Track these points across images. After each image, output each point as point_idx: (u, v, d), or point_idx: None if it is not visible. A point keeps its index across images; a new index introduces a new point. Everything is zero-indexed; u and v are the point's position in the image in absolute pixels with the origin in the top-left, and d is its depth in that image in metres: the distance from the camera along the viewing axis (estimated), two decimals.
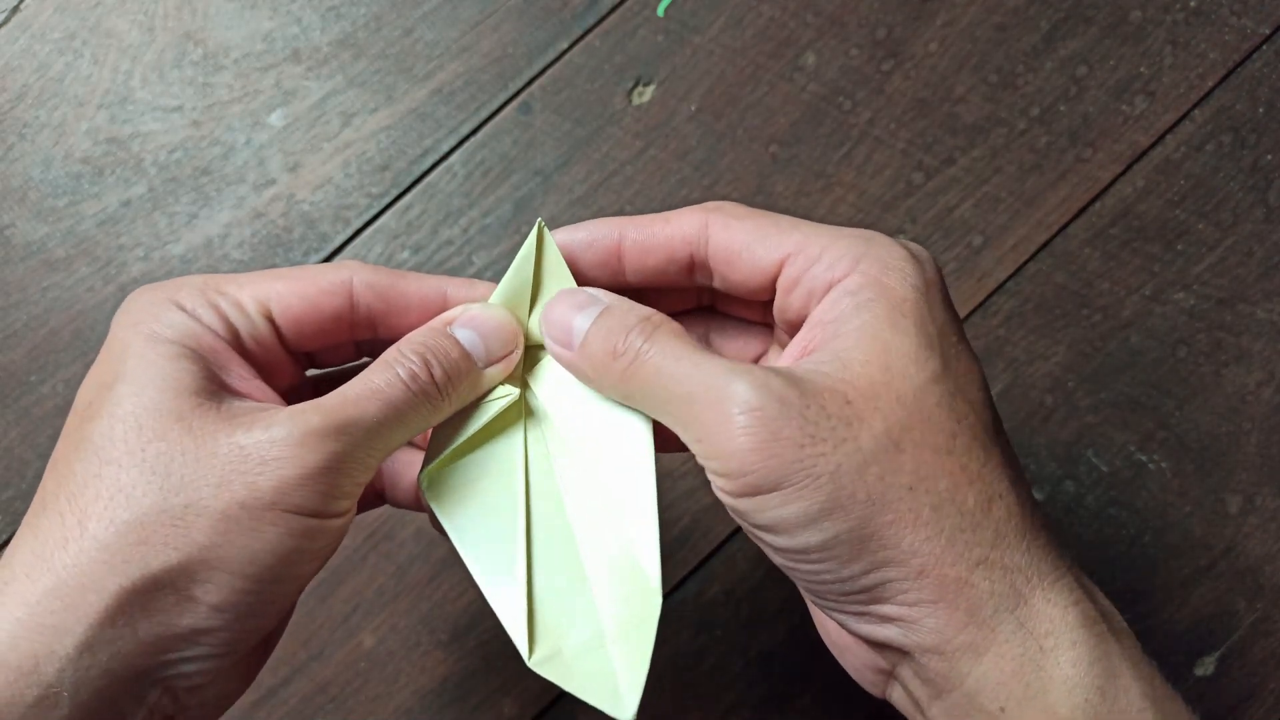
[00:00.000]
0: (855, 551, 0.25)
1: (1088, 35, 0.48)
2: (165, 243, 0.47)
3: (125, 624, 0.25)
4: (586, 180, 0.47)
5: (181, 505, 0.25)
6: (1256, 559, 0.45)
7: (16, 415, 0.45)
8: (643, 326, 0.28)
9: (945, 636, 0.25)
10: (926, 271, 0.27)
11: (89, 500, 0.25)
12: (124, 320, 0.28)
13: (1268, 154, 0.47)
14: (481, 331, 0.29)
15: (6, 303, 0.46)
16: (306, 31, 0.48)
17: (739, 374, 0.25)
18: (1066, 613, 0.25)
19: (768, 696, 0.44)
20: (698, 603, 0.45)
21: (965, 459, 0.25)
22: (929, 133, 0.47)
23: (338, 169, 0.47)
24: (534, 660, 0.28)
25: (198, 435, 0.26)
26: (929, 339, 0.26)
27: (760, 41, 0.48)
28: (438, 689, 0.44)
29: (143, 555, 0.25)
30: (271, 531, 0.25)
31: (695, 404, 0.26)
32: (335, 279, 0.29)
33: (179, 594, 0.25)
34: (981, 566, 0.25)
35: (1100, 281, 0.47)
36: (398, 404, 0.27)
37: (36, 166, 0.47)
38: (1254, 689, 0.44)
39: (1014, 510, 0.25)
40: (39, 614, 0.24)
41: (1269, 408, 0.46)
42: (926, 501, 0.25)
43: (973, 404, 0.26)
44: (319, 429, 0.26)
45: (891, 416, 0.25)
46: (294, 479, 0.25)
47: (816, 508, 0.25)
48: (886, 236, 0.28)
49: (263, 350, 0.29)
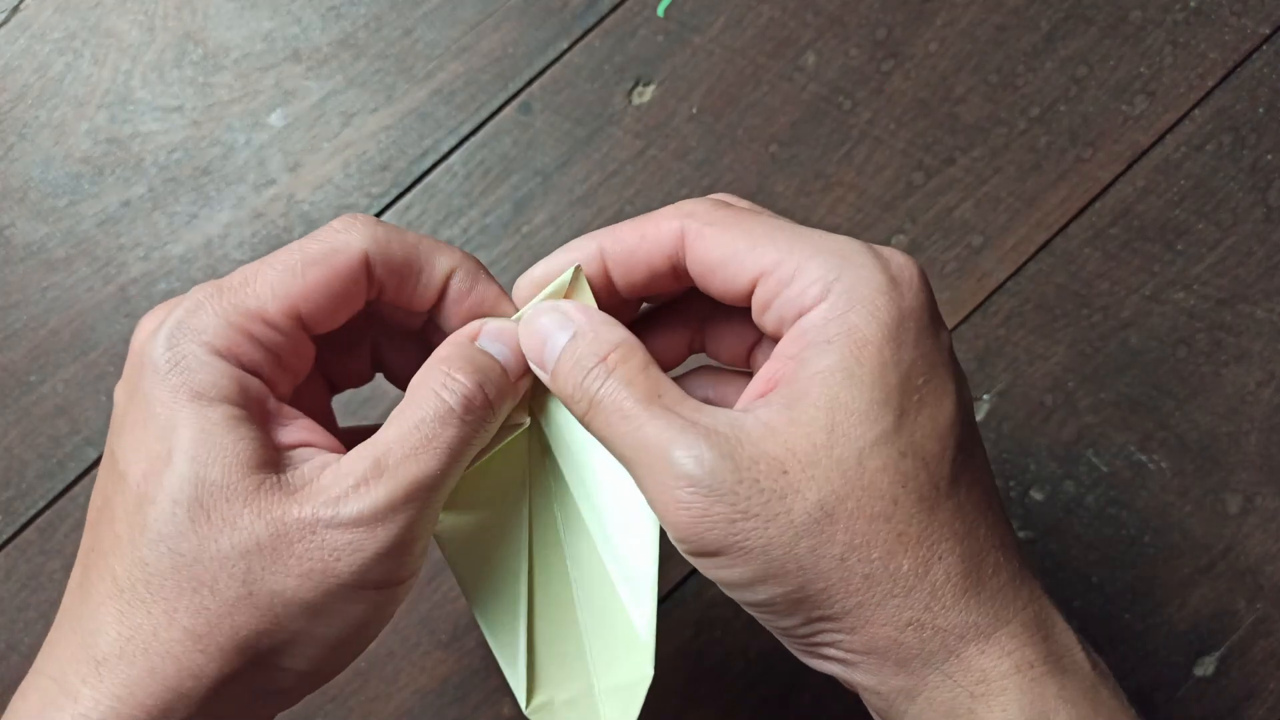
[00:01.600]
0: (792, 609, 0.26)
1: (1088, 35, 0.48)
2: (165, 243, 0.47)
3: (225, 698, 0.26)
4: (586, 180, 0.47)
5: (267, 596, 0.25)
6: (1256, 559, 0.45)
7: (16, 415, 0.45)
8: (599, 371, 0.27)
9: (880, 680, 0.26)
10: (904, 300, 0.26)
11: (172, 591, 0.25)
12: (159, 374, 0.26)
13: (1268, 154, 0.47)
14: (509, 344, 0.29)
15: (6, 303, 0.46)
16: (306, 31, 0.48)
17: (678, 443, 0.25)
18: (1000, 662, 0.25)
19: (768, 696, 0.44)
20: (698, 603, 0.45)
21: (904, 525, 0.25)
22: (929, 133, 0.47)
23: (338, 169, 0.47)
24: (529, 709, 0.30)
25: (269, 520, 0.25)
26: (886, 390, 0.25)
27: (760, 41, 0.48)
28: (438, 689, 0.44)
29: (236, 645, 0.25)
30: (355, 609, 0.26)
31: (640, 468, 0.26)
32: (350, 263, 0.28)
33: (271, 667, 0.26)
34: (911, 627, 0.25)
35: (1100, 281, 0.47)
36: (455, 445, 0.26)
37: (36, 166, 0.47)
38: (1254, 689, 0.44)
39: (955, 570, 0.25)
40: (139, 694, 0.25)
41: (1269, 408, 0.46)
42: (858, 570, 0.25)
43: (926, 460, 0.26)
44: (387, 504, 0.25)
45: (827, 486, 0.25)
46: (371, 559, 0.25)
47: (750, 575, 0.26)
48: (868, 254, 0.27)
49: (298, 359, 0.29)
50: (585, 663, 0.30)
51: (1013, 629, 0.26)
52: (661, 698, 0.44)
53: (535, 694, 0.30)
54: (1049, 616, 0.27)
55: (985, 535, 0.26)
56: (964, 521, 0.26)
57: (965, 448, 0.27)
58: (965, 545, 0.26)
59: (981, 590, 0.26)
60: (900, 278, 0.26)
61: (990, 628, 0.26)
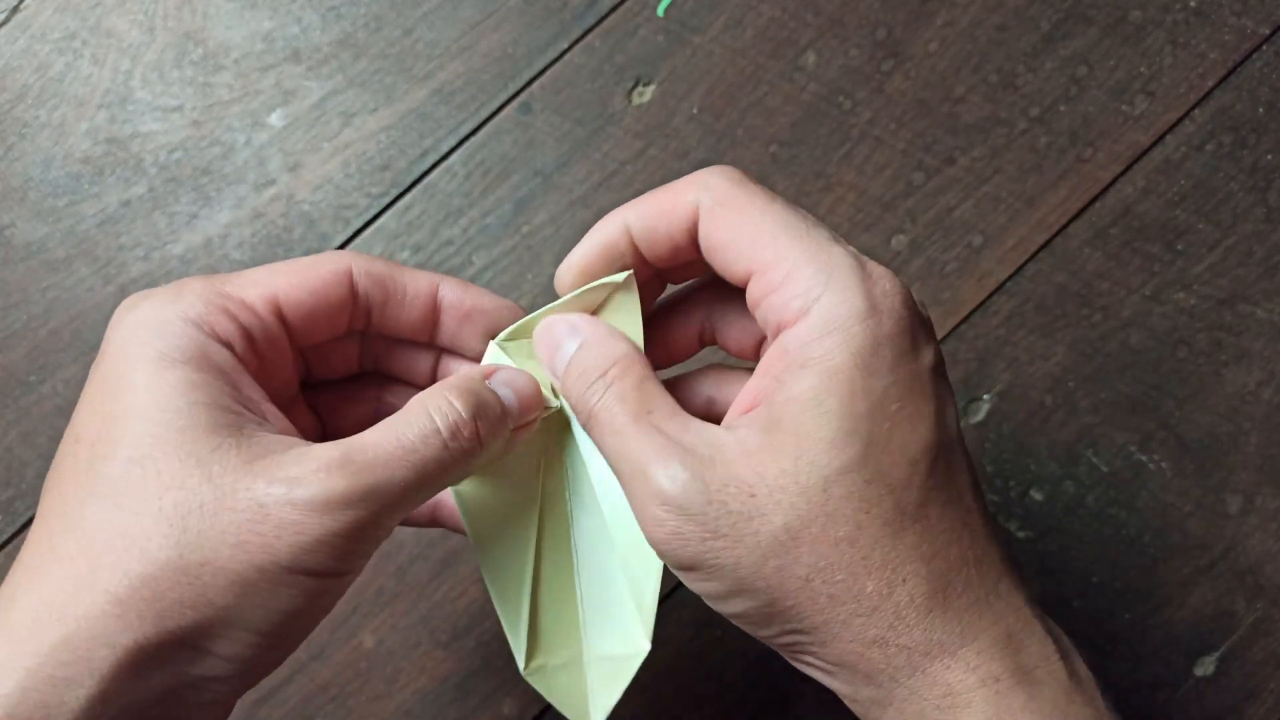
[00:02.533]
0: (767, 621, 0.27)
1: (1088, 35, 0.48)
2: (165, 243, 0.47)
3: (138, 677, 0.25)
4: (586, 180, 0.47)
5: (198, 563, 0.24)
6: (1256, 559, 0.45)
7: (16, 415, 0.45)
8: (597, 385, 0.28)
9: (854, 689, 0.28)
10: (881, 327, 0.26)
11: (101, 549, 0.24)
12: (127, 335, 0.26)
13: (1268, 154, 0.47)
14: (517, 391, 0.29)
15: (6, 303, 0.46)
16: (306, 31, 0.48)
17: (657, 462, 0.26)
18: (966, 677, 0.26)
19: (768, 697, 0.44)
20: (698, 603, 0.45)
21: (869, 549, 0.26)
22: (929, 133, 0.47)
23: (338, 169, 0.47)
24: (527, 670, 0.31)
25: (217, 485, 0.25)
26: (855, 419, 0.26)
27: (760, 41, 0.48)
28: (438, 689, 0.44)
29: (157, 612, 0.24)
30: (286, 593, 0.25)
31: (624, 479, 0.27)
32: (336, 268, 0.29)
33: (192, 648, 0.25)
34: (876, 645, 0.26)
35: (1100, 281, 0.47)
36: (428, 466, 0.26)
37: (36, 166, 0.47)
38: (1254, 689, 0.44)
39: (919, 591, 0.26)
40: (49, 665, 0.24)
41: (1269, 408, 0.46)
42: (823, 591, 0.26)
43: (891, 486, 0.26)
44: (343, 495, 0.25)
45: (792, 511, 0.26)
46: (311, 544, 0.25)
47: (723, 589, 0.27)
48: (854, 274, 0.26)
49: (274, 351, 0.29)
50: (579, 630, 0.32)
51: (980, 644, 0.26)
52: (661, 698, 0.44)
53: (533, 657, 0.31)
54: (1022, 629, 0.27)
55: (957, 555, 0.27)
56: (932, 544, 0.26)
57: (939, 470, 0.27)
58: (931, 566, 0.26)
59: (947, 609, 0.26)
60: (881, 304, 0.26)
61: (956, 644, 0.26)
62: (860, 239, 0.47)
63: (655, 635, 0.44)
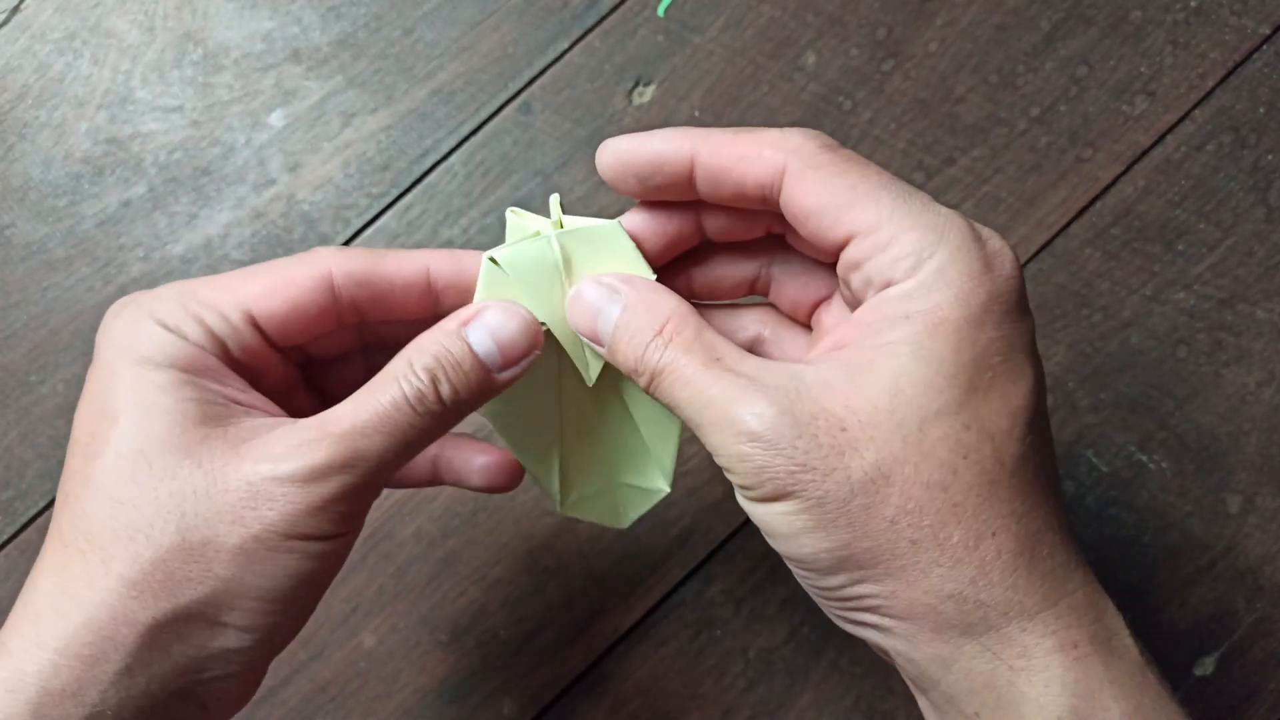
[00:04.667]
0: (835, 567, 0.26)
1: (1088, 35, 0.48)
2: (165, 243, 0.47)
3: (161, 650, 0.26)
4: (586, 180, 0.47)
5: (200, 542, 0.26)
6: (1256, 559, 0.45)
7: (16, 415, 0.45)
8: (656, 342, 0.28)
9: (914, 646, 0.26)
10: (995, 285, 0.26)
11: (108, 540, 0.26)
12: (109, 343, 0.28)
13: (1268, 154, 0.47)
14: (498, 337, 0.28)
15: (6, 303, 0.46)
16: (306, 31, 0.48)
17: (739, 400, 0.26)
18: (1044, 640, 0.26)
19: (768, 696, 0.44)
20: (698, 603, 0.45)
21: (961, 496, 0.25)
22: (929, 133, 0.47)
23: (338, 169, 0.47)
24: (564, 507, 0.34)
25: (208, 470, 0.26)
26: (957, 365, 0.25)
27: (760, 41, 0.48)
28: (438, 689, 0.44)
29: (169, 590, 0.26)
30: (287, 559, 0.26)
31: (704, 427, 0.27)
32: (312, 273, 0.29)
33: (208, 621, 0.26)
34: (953, 599, 0.25)
35: (1100, 281, 0.47)
36: (404, 429, 0.27)
37: (36, 166, 0.47)
38: (1254, 689, 0.44)
39: (1006, 548, 0.26)
40: (75, 646, 0.25)
41: (1269, 408, 0.46)
42: (906, 535, 0.25)
43: (991, 436, 0.26)
44: (325, 465, 0.26)
45: (885, 448, 0.25)
46: (304, 511, 0.26)
47: (803, 524, 0.26)
48: (967, 233, 0.26)
49: (250, 356, 0.29)
50: (609, 464, 0.34)
51: (1059, 610, 0.26)
52: (661, 698, 0.44)
53: (568, 495, 0.33)
54: (1100, 601, 0.27)
55: (1045, 517, 0.26)
56: (1024, 501, 0.26)
57: (1035, 430, 0.27)
58: (1022, 525, 0.26)
59: (1032, 570, 0.26)
60: (994, 261, 0.26)
61: (1036, 608, 0.26)
62: None
63: (654, 635, 0.44)
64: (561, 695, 0.44)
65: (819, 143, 0.28)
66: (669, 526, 0.45)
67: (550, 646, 0.45)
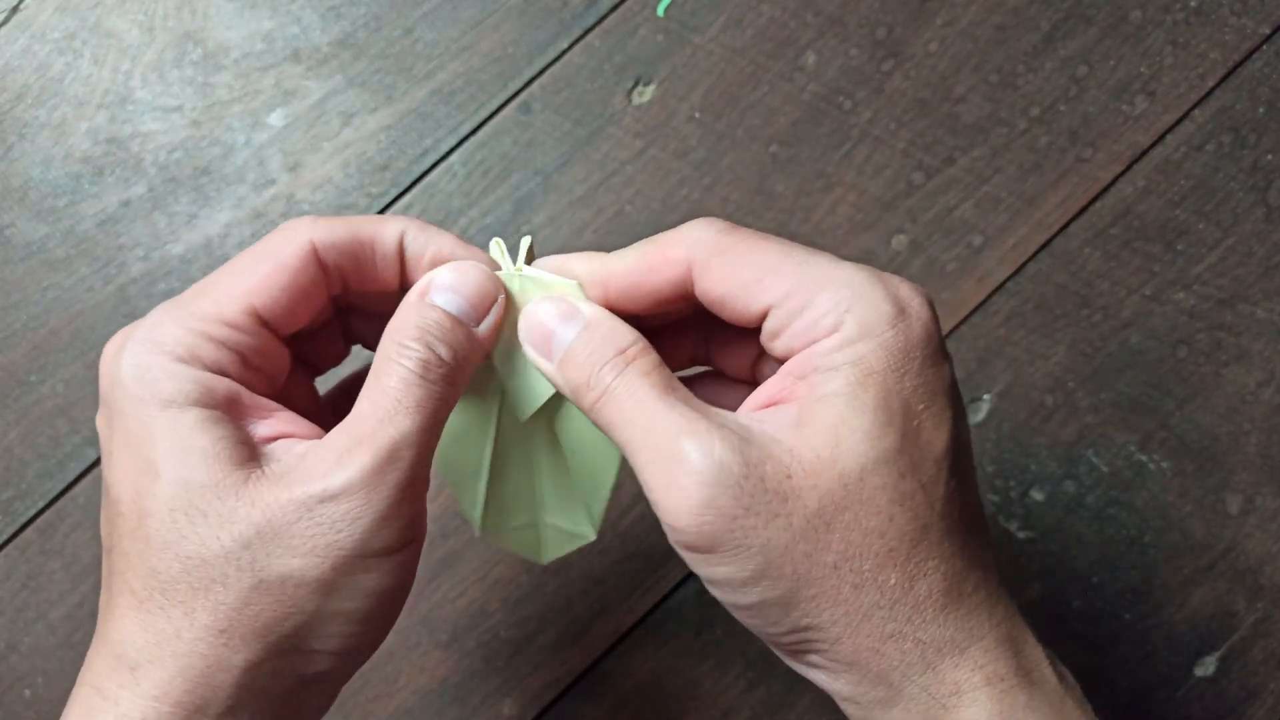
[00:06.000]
0: (780, 615, 0.27)
1: (1088, 35, 0.48)
2: (165, 243, 0.47)
3: (259, 688, 0.26)
4: (586, 180, 0.47)
5: (278, 580, 0.26)
6: (1256, 559, 0.45)
7: (16, 415, 0.45)
8: (615, 362, 0.28)
9: (859, 690, 0.27)
10: (911, 332, 0.27)
11: (185, 594, 0.26)
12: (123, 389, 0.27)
13: (1268, 154, 0.47)
14: (462, 292, 0.28)
15: (6, 303, 0.46)
16: (306, 31, 0.48)
17: (690, 434, 0.26)
18: (973, 675, 0.26)
19: (767, 697, 0.44)
20: (698, 603, 0.45)
21: (896, 541, 0.26)
22: (929, 133, 0.47)
23: (338, 169, 0.47)
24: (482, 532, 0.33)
25: (263, 508, 0.26)
26: (889, 414, 0.26)
27: (760, 41, 0.48)
28: (438, 689, 0.44)
29: (258, 631, 0.26)
30: (364, 578, 0.26)
31: (647, 455, 0.27)
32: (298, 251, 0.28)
33: (300, 652, 0.27)
34: (893, 639, 0.26)
35: (1100, 281, 0.46)
36: (426, 403, 0.27)
37: (36, 166, 0.47)
38: (1254, 689, 0.44)
39: (937, 586, 0.26)
40: (174, 693, 0.26)
41: (1269, 408, 0.46)
42: (849, 580, 0.26)
43: (923, 483, 0.26)
44: (373, 466, 0.26)
45: (828, 496, 0.26)
46: (372, 526, 0.26)
47: (745, 574, 0.26)
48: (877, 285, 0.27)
49: (263, 358, 0.29)
50: (536, 501, 0.33)
51: (986, 644, 0.27)
52: (661, 698, 0.44)
53: (489, 521, 0.33)
54: (1020, 633, 0.28)
55: (970, 555, 0.27)
56: (951, 542, 0.27)
57: (957, 472, 0.27)
58: (950, 564, 0.27)
59: (960, 606, 0.27)
60: (908, 309, 0.27)
61: (965, 642, 0.27)
62: (860, 239, 0.47)
63: (654, 635, 0.44)
64: (561, 695, 0.44)
65: (716, 229, 0.28)
66: None
67: (550, 646, 0.45)
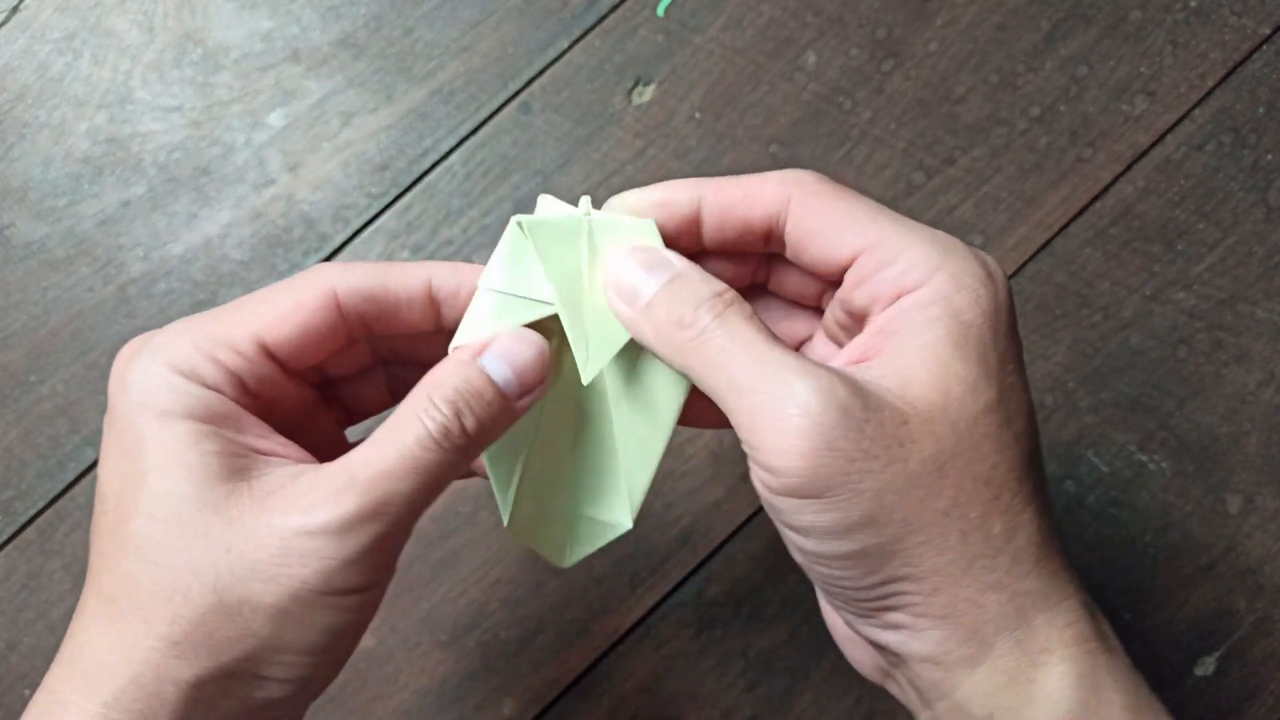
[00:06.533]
0: (878, 564, 0.26)
1: (1088, 35, 0.48)
2: (165, 243, 0.47)
3: (206, 705, 0.26)
4: (586, 180, 0.47)
5: (237, 602, 0.26)
6: (1256, 559, 0.45)
7: (16, 415, 0.45)
8: (714, 303, 0.27)
9: (945, 649, 0.26)
10: (999, 294, 0.27)
11: (148, 601, 0.26)
12: (126, 395, 0.27)
13: (1268, 154, 0.47)
14: (514, 365, 0.28)
15: (6, 303, 0.46)
16: (306, 31, 0.48)
17: (804, 374, 0.25)
18: (1063, 632, 0.26)
19: (768, 696, 0.44)
20: (698, 603, 0.45)
21: (1000, 489, 0.26)
22: (929, 133, 0.47)
23: (337, 169, 0.47)
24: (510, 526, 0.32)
25: (239, 527, 0.26)
26: (989, 367, 0.26)
27: (760, 41, 0.48)
28: (438, 689, 0.44)
29: (210, 650, 0.26)
30: (323, 614, 0.26)
31: (753, 396, 0.26)
32: (318, 294, 0.29)
33: (250, 676, 0.27)
34: (993, 590, 0.26)
35: (1100, 281, 0.46)
36: (431, 469, 0.27)
37: (36, 166, 0.47)
38: (1254, 689, 0.44)
39: (1033, 539, 0.26)
40: (125, 702, 0.26)
41: (1269, 408, 0.46)
42: (957, 527, 0.26)
43: (1018, 435, 0.27)
44: (355, 515, 0.26)
45: (943, 442, 0.26)
46: (338, 567, 0.26)
47: (851, 520, 0.25)
48: (965, 247, 0.28)
49: (266, 387, 0.29)
50: (572, 491, 0.32)
51: (1072, 603, 0.27)
52: (661, 698, 0.44)
53: (518, 514, 0.32)
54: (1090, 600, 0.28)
55: (1050, 514, 0.27)
56: (1041, 496, 0.27)
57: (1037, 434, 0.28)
58: (1042, 519, 0.27)
59: (1051, 561, 0.27)
60: (995, 275, 0.28)
61: (1058, 598, 0.26)
62: None
63: (656, 635, 0.44)
64: (561, 695, 0.44)
65: (817, 176, 0.29)
66: (669, 526, 0.45)
67: (550, 646, 0.45)
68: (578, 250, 0.29)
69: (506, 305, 0.29)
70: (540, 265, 0.29)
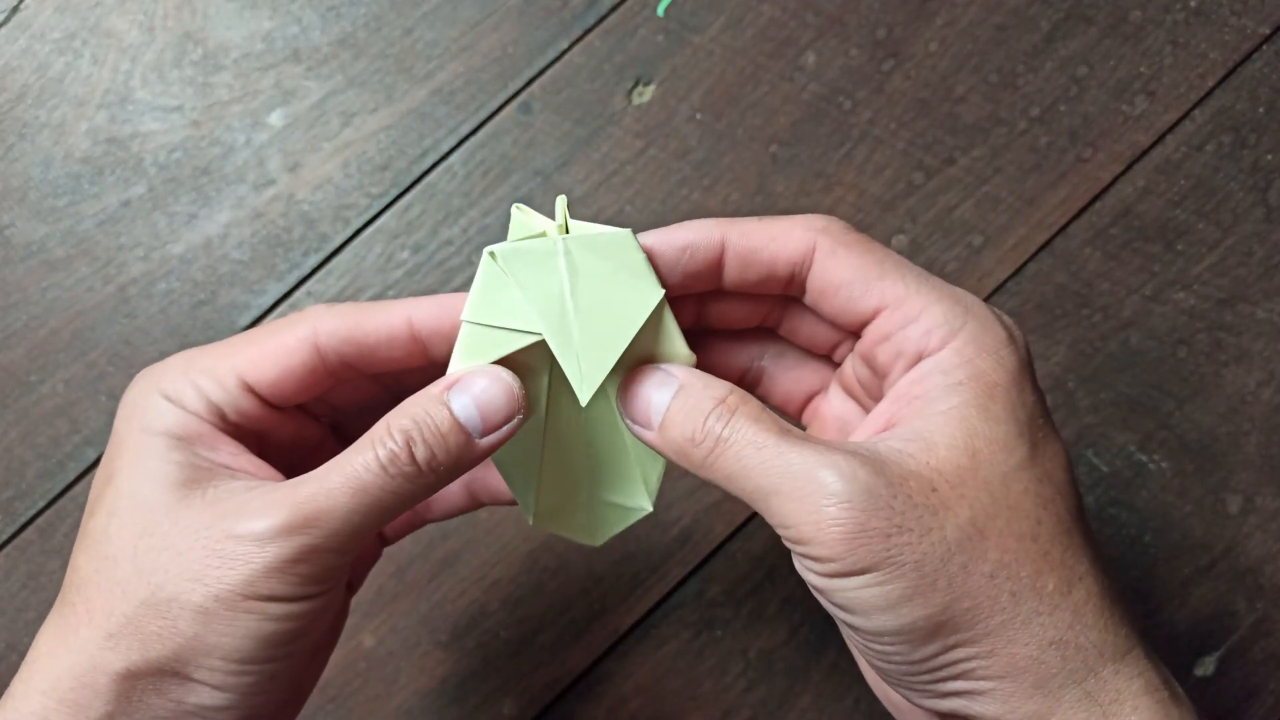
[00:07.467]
0: (930, 635, 0.26)
1: (1088, 35, 0.48)
2: (165, 243, 0.47)
3: (138, 700, 0.27)
4: (586, 180, 0.47)
5: (167, 599, 0.27)
6: (1256, 559, 0.45)
7: (16, 415, 0.45)
8: (719, 411, 0.27)
9: (1010, 706, 0.26)
10: (1020, 353, 0.28)
11: (93, 593, 0.28)
12: (121, 415, 0.30)
13: (1268, 154, 0.47)
14: (479, 401, 0.28)
15: (6, 303, 0.46)
16: (306, 31, 0.48)
17: (825, 464, 0.26)
18: (1132, 683, 0.26)
19: (768, 696, 0.44)
20: (698, 603, 0.45)
21: (1049, 545, 0.26)
22: (929, 133, 0.47)
23: (338, 169, 0.47)
24: (535, 521, 0.32)
25: (182, 529, 0.27)
26: (1019, 425, 0.26)
27: (760, 41, 0.48)
28: (438, 689, 0.44)
29: (140, 644, 0.27)
30: (246, 619, 0.27)
31: (780, 495, 0.26)
32: (300, 336, 0.30)
33: (179, 677, 0.27)
34: (1054, 646, 0.26)
35: (1100, 281, 0.47)
36: (372, 493, 0.27)
37: (36, 166, 0.47)
38: (1254, 689, 0.44)
39: (1093, 591, 0.26)
40: (60, 689, 0.27)
41: (1269, 408, 0.46)
42: (1006, 588, 0.26)
43: (1059, 488, 0.27)
44: (283, 525, 0.26)
45: (977, 505, 0.26)
46: (260, 573, 0.26)
47: (898, 593, 0.25)
48: (985, 308, 0.28)
49: (249, 419, 0.30)
50: (591, 480, 0.33)
51: (1139, 652, 0.27)
52: (661, 698, 0.44)
53: (543, 507, 0.32)
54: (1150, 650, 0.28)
55: (1105, 564, 0.27)
56: (1093, 547, 0.27)
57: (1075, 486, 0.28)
58: (1098, 568, 0.27)
59: (1114, 612, 0.27)
60: (1015, 335, 0.28)
61: (1125, 648, 0.26)
62: None
63: (654, 635, 0.44)
64: (561, 695, 0.44)
65: (843, 225, 0.29)
66: (669, 526, 0.45)
67: (550, 646, 0.45)
68: (557, 272, 0.29)
69: (489, 338, 0.29)
70: (520, 293, 0.29)
